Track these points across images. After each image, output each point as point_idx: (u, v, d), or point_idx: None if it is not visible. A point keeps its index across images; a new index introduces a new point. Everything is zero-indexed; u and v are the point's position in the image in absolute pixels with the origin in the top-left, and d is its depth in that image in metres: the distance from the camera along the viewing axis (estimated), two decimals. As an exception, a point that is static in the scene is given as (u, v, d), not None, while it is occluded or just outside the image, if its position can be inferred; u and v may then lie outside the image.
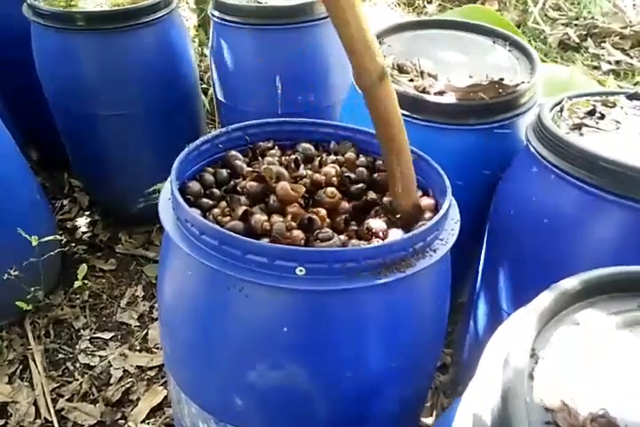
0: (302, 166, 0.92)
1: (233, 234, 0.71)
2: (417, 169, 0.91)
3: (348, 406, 0.83)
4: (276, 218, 0.81)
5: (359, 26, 0.69)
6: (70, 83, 1.60)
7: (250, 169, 0.92)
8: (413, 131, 1.11)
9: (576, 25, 3.08)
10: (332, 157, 0.95)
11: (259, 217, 0.80)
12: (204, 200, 0.87)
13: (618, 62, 2.78)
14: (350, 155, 0.95)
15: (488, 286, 1.18)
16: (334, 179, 0.90)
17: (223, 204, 0.86)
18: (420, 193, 0.89)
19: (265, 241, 0.77)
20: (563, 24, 3.13)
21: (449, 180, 0.83)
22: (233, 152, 0.94)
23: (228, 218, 0.83)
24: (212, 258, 0.72)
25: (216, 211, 0.84)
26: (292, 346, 0.76)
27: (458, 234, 0.79)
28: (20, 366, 1.48)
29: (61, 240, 1.61)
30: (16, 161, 1.48)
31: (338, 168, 0.91)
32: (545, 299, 0.56)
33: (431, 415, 1.33)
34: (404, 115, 1.11)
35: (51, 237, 1.44)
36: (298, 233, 0.78)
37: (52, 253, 1.47)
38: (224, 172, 0.92)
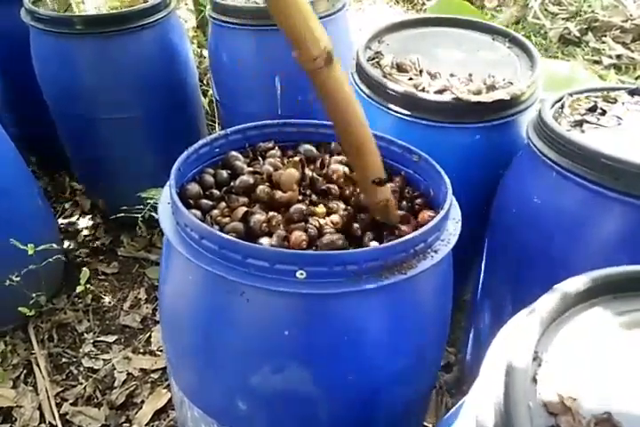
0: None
1: (233, 238, 0.70)
2: (417, 169, 0.90)
3: (351, 408, 0.83)
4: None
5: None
6: (70, 86, 1.60)
7: (250, 169, 0.91)
8: (413, 130, 1.11)
9: (576, 19, 3.07)
10: (337, 158, 0.94)
11: (258, 217, 0.80)
12: (204, 201, 0.86)
13: (619, 56, 2.76)
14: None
15: (491, 284, 1.18)
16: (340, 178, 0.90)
17: (223, 204, 0.86)
18: (420, 200, 0.89)
19: (265, 241, 0.77)
20: (563, 18, 3.11)
21: (449, 179, 0.82)
22: (233, 153, 0.94)
23: (227, 219, 0.82)
24: (212, 262, 0.71)
25: (215, 212, 0.84)
26: (294, 349, 0.76)
27: (459, 233, 0.78)
28: (24, 371, 1.48)
29: (62, 245, 1.61)
30: (17, 166, 1.48)
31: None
32: (547, 301, 0.56)
33: (435, 415, 1.32)
34: (403, 114, 1.11)
35: (46, 246, 1.42)
36: (300, 234, 0.78)
37: (50, 260, 1.46)
38: (224, 172, 0.91)
